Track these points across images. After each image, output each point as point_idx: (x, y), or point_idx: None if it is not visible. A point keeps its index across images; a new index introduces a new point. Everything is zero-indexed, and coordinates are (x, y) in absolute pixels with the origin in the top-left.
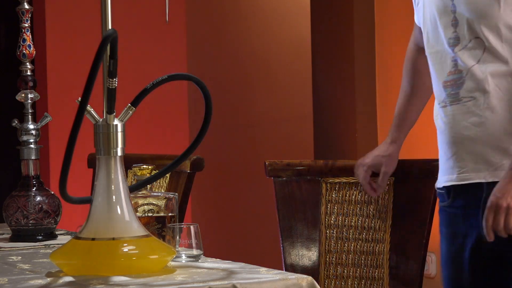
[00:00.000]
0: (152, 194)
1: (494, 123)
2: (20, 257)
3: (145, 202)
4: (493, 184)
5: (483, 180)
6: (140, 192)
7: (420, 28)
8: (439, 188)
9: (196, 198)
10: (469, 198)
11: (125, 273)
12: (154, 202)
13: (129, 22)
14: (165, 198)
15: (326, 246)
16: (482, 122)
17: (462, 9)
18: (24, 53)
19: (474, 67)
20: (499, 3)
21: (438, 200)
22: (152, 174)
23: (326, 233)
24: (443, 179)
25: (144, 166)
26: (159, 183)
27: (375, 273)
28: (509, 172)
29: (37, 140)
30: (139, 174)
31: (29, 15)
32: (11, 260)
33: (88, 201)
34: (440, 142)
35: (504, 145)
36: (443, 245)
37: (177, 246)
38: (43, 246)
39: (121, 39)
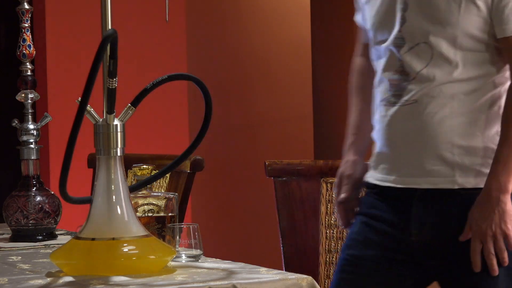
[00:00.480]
0: (152, 194)
1: (433, 129)
2: (20, 257)
3: (145, 202)
4: (429, 190)
5: (417, 186)
6: (140, 192)
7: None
8: (369, 184)
9: (196, 198)
10: (399, 204)
11: (125, 273)
12: (154, 202)
13: (129, 22)
14: (165, 198)
15: (326, 246)
16: (421, 128)
17: (414, 11)
18: (24, 53)
19: (422, 71)
20: (459, 11)
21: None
22: (152, 174)
23: (326, 233)
24: (376, 177)
25: (144, 166)
26: (159, 183)
27: None
28: (486, 196)
29: (37, 140)
30: (139, 174)
31: (29, 15)
32: (11, 260)
33: (88, 201)
34: (378, 139)
35: (441, 152)
36: (355, 227)
37: (177, 246)
38: (43, 246)
39: (121, 39)
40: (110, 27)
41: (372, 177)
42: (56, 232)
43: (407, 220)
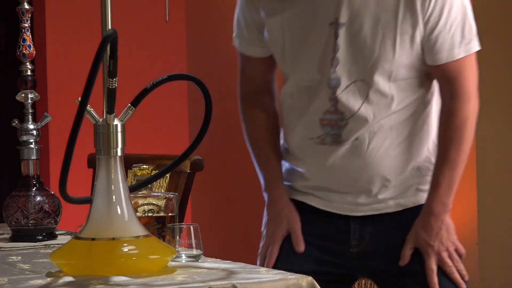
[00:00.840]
0: (152, 194)
1: (379, 162)
2: (20, 257)
3: (145, 202)
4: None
5: (362, 214)
6: (140, 192)
7: (265, 59)
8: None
9: (196, 198)
10: (338, 221)
11: (125, 273)
12: (154, 202)
13: (129, 22)
14: (165, 198)
15: None
16: (366, 163)
17: (347, 51)
18: (24, 53)
19: (360, 109)
20: (394, 48)
21: None
22: (152, 174)
23: None
24: (315, 201)
25: (144, 166)
26: (159, 183)
27: None
28: (432, 218)
29: (37, 140)
30: (139, 174)
31: (29, 15)
32: (11, 260)
33: (88, 201)
34: (312, 174)
35: (385, 181)
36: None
37: (177, 246)
38: (43, 246)
39: (121, 39)
40: (110, 27)
41: (310, 200)
42: (56, 232)
43: (346, 233)
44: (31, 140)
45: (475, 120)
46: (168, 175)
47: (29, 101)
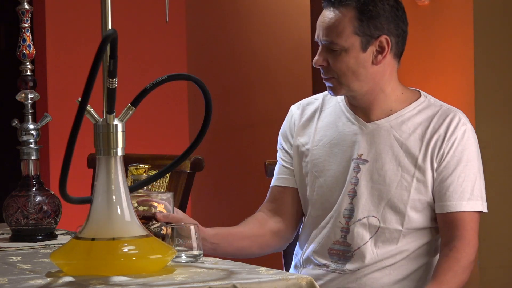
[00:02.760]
0: (150, 194)
1: None
2: (20, 257)
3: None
4: None
5: None
6: (137, 193)
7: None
8: None
9: (196, 198)
10: None
11: (125, 273)
12: (152, 203)
13: (129, 22)
14: (162, 197)
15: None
16: None
17: (365, 186)
18: (24, 53)
19: (365, 244)
20: (409, 191)
21: None
22: (148, 173)
23: None
24: None
25: (140, 166)
26: (159, 183)
27: None
28: None
29: (37, 140)
30: (135, 173)
31: (29, 15)
32: (11, 260)
33: (88, 201)
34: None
35: None
36: None
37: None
38: (43, 246)
39: (121, 39)
40: (110, 27)
41: None
42: (56, 232)
43: None
44: (31, 140)
45: (470, 271)
46: (168, 175)
47: (29, 101)
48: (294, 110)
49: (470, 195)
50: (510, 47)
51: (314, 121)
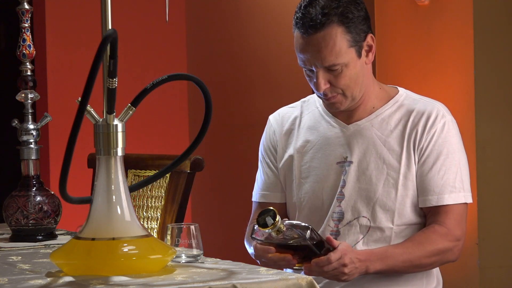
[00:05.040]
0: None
1: None
2: (20, 257)
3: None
4: None
5: None
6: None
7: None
8: None
9: (196, 198)
10: None
11: (125, 273)
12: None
13: (129, 22)
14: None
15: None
16: None
17: (353, 187)
18: (24, 53)
19: (357, 244)
20: (396, 189)
21: None
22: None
23: None
24: None
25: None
26: (159, 183)
27: None
28: (364, 258)
29: (37, 140)
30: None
31: (29, 15)
32: (11, 260)
33: (88, 201)
34: None
35: None
36: None
37: (177, 246)
38: (43, 246)
39: (121, 39)
40: (110, 27)
41: None
42: (56, 232)
43: None
44: (31, 140)
45: (446, 259)
46: (168, 175)
47: (29, 101)
48: (273, 120)
49: (452, 188)
50: (510, 47)
51: (295, 129)
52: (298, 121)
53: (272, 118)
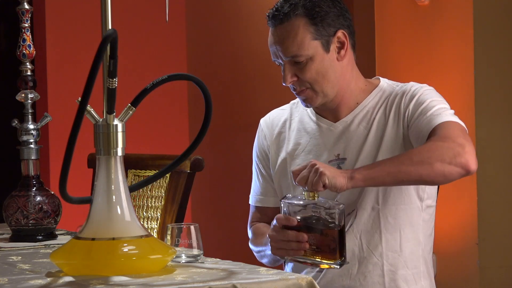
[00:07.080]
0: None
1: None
2: (20, 257)
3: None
4: None
5: None
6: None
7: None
8: None
9: (196, 198)
10: None
11: (125, 273)
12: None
13: (129, 22)
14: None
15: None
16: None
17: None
18: (24, 53)
19: (347, 230)
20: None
21: None
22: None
23: None
24: None
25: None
26: (159, 183)
27: None
28: (346, 175)
29: (37, 140)
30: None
31: (29, 15)
32: (11, 260)
33: (88, 201)
34: None
35: None
36: None
37: (177, 246)
38: (43, 246)
39: (121, 39)
40: (110, 27)
41: None
42: (56, 232)
43: None
44: (31, 140)
45: (455, 161)
46: (168, 175)
47: (29, 101)
48: (263, 124)
49: (441, 112)
50: (510, 47)
51: (286, 132)
52: (288, 124)
53: (263, 122)
